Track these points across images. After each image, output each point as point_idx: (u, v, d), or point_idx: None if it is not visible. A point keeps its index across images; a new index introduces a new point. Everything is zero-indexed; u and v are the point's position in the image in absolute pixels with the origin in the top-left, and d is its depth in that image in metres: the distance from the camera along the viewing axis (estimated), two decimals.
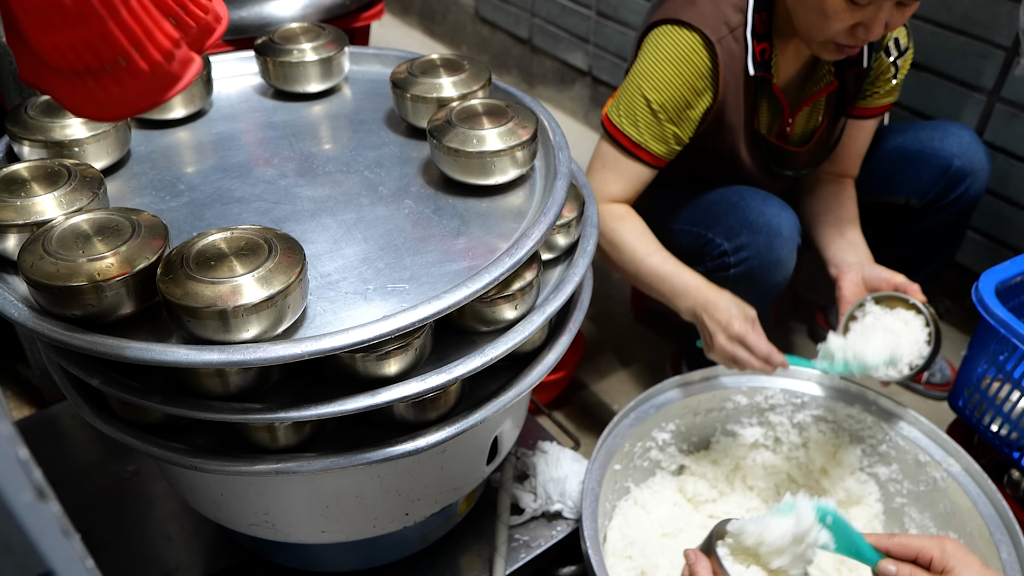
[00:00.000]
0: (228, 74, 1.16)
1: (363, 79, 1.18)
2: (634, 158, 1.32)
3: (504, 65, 2.98)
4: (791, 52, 1.33)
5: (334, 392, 0.77)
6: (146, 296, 0.74)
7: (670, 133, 1.30)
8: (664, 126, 1.29)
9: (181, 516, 1.20)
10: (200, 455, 0.81)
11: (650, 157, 1.32)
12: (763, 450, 1.38)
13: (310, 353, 0.71)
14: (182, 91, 0.56)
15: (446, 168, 0.93)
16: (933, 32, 1.70)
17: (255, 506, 0.94)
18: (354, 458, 0.81)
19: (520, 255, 0.81)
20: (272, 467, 0.81)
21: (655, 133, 1.30)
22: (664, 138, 1.31)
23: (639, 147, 1.31)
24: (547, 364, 0.91)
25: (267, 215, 0.90)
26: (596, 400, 1.73)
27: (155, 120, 1.05)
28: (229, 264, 0.72)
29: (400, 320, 0.73)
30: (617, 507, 1.28)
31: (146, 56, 0.50)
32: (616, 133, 1.33)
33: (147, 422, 0.84)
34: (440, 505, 1.00)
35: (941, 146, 1.49)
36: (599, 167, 1.36)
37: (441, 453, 0.94)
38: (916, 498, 1.28)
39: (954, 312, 1.89)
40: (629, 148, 1.32)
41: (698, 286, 1.26)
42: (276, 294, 0.70)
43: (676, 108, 1.29)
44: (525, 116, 0.94)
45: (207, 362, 0.70)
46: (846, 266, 1.37)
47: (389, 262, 0.84)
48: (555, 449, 1.26)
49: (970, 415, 1.35)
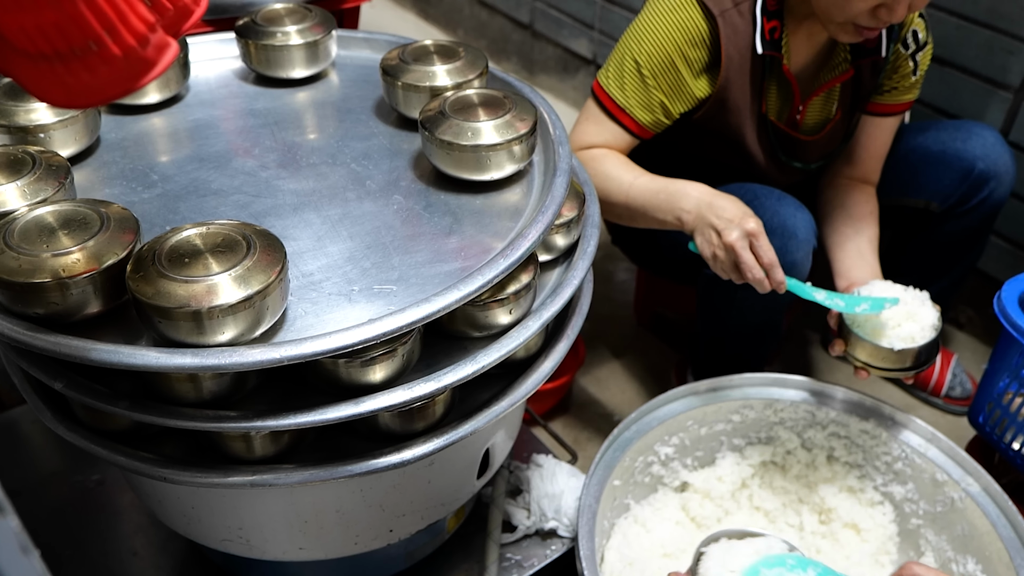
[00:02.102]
0: (207, 57, 1.16)
1: (351, 65, 1.18)
2: (616, 122, 1.34)
3: (503, 51, 2.98)
4: (804, 34, 1.34)
5: (315, 400, 0.77)
6: (114, 295, 0.74)
7: (657, 101, 1.31)
8: (651, 92, 1.31)
9: (149, 530, 1.20)
10: (170, 465, 0.81)
11: (633, 124, 1.34)
12: (772, 467, 1.38)
13: (290, 358, 0.70)
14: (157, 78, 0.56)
15: (438, 162, 0.93)
16: (958, 26, 1.70)
17: (228, 520, 0.94)
18: (335, 470, 0.81)
19: (516, 256, 0.81)
20: (247, 479, 0.80)
21: (641, 99, 1.32)
22: (650, 106, 1.32)
23: (623, 111, 1.33)
24: (543, 372, 0.91)
25: (246, 209, 0.90)
26: (595, 411, 1.73)
27: (127, 105, 1.05)
28: (204, 261, 0.72)
29: (387, 324, 0.73)
30: (616, 525, 1.28)
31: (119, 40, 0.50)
32: (602, 94, 1.35)
33: (114, 429, 0.84)
34: (427, 521, 1.00)
35: (964, 147, 1.49)
36: (583, 120, 1.38)
37: (428, 466, 0.94)
38: (932, 520, 1.28)
39: (976, 323, 1.89)
40: (612, 111, 1.34)
41: (701, 188, 1.26)
42: (254, 294, 0.70)
43: (666, 74, 1.30)
44: (524, 108, 0.94)
45: (179, 366, 0.69)
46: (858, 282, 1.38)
47: (376, 262, 0.84)
48: (551, 463, 1.26)
49: (991, 432, 1.36)
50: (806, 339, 1.90)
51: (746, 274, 1.20)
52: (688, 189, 1.26)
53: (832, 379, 1.73)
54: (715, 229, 1.21)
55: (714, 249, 1.22)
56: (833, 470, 1.36)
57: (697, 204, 1.24)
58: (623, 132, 1.35)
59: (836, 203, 1.51)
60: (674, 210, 1.26)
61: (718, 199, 1.23)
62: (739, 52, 1.30)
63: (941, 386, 1.71)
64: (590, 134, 1.37)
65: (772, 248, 1.20)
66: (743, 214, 1.21)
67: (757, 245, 1.19)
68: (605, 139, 1.36)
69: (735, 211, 1.21)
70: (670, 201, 1.27)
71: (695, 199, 1.25)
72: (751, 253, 1.20)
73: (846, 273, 1.41)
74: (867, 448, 1.34)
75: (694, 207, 1.24)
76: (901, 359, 1.24)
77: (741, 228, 1.19)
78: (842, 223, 1.47)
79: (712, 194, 1.24)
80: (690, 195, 1.25)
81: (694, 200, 1.25)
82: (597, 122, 1.36)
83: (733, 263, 1.21)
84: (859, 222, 1.46)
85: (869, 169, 1.52)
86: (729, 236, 1.19)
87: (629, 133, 1.35)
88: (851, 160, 1.52)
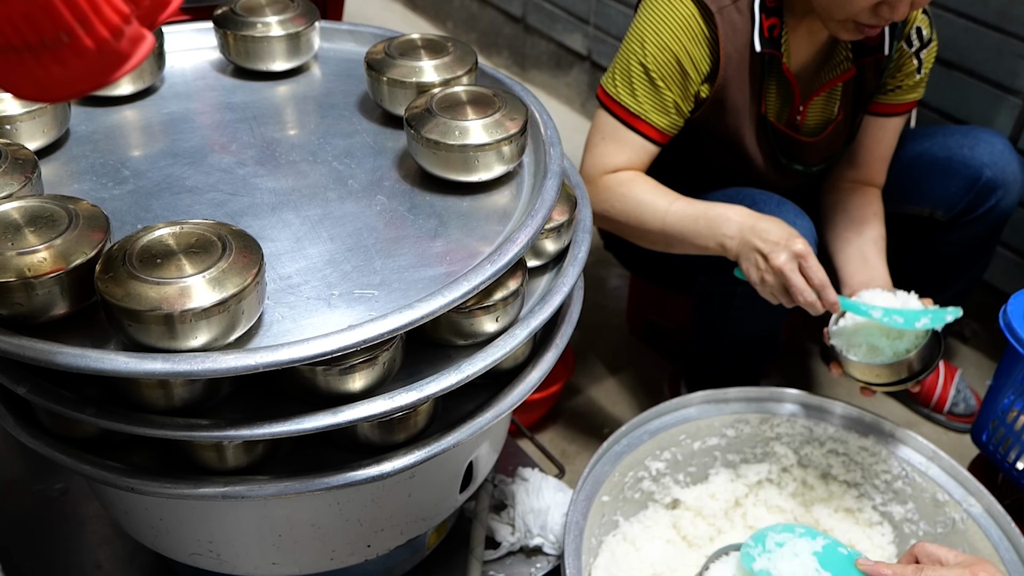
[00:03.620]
0: (183, 47, 1.16)
1: (335, 58, 1.18)
2: (635, 131, 1.34)
3: (494, 45, 2.98)
4: (804, 32, 1.35)
5: (291, 409, 0.77)
6: (82, 296, 0.74)
7: (670, 102, 1.32)
8: (663, 95, 1.31)
9: (114, 542, 1.19)
10: (138, 475, 0.81)
11: (652, 130, 1.33)
12: (767, 485, 1.39)
13: (265, 365, 0.71)
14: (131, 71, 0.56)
15: (424, 162, 0.93)
16: (966, 28, 1.72)
17: (198, 533, 0.94)
18: (311, 483, 0.81)
19: (504, 261, 0.81)
20: (219, 490, 0.80)
21: (655, 103, 1.32)
22: (664, 108, 1.32)
23: (639, 119, 1.33)
24: (530, 383, 0.91)
25: (222, 208, 0.90)
26: (584, 423, 1.73)
27: (98, 97, 1.05)
28: (177, 262, 0.72)
29: (367, 331, 0.73)
30: (604, 543, 1.29)
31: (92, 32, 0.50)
32: (613, 105, 1.35)
33: (79, 436, 0.83)
34: (406, 537, 1.00)
35: (971, 154, 1.51)
36: (598, 140, 1.36)
37: (409, 479, 0.94)
38: (933, 541, 1.29)
39: (981, 337, 1.91)
40: (628, 120, 1.34)
41: (742, 212, 1.26)
42: (229, 298, 0.70)
43: (674, 74, 1.30)
44: (514, 106, 0.95)
45: (149, 372, 0.69)
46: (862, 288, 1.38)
47: (357, 265, 0.84)
48: (537, 477, 1.27)
49: (994, 451, 1.37)
50: (805, 350, 1.91)
51: (797, 297, 1.20)
52: (729, 213, 1.27)
53: (832, 393, 1.74)
54: (761, 253, 1.22)
55: (762, 274, 1.22)
56: (830, 489, 1.37)
57: (740, 229, 1.24)
58: (643, 141, 1.34)
59: (839, 207, 1.51)
60: (716, 236, 1.27)
61: (761, 221, 1.23)
62: (738, 51, 1.31)
63: (944, 402, 1.73)
64: (609, 154, 1.35)
65: (822, 268, 1.21)
66: (789, 235, 1.21)
67: (806, 266, 1.20)
68: (627, 156, 1.35)
69: (780, 233, 1.21)
70: (711, 227, 1.27)
71: (738, 224, 1.25)
72: (800, 275, 1.20)
73: (849, 279, 1.42)
74: (866, 466, 1.35)
75: (737, 232, 1.25)
76: (896, 372, 1.25)
77: (789, 250, 1.20)
78: (844, 227, 1.48)
79: (754, 217, 1.25)
80: (732, 219, 1.26)
81: (736, 225, 1.25)
82: (614, 138, 1.35)
83: (783, 287, 1.21)
84: (862, 224, 1.47)
85: (874, 171, 1.53)
86: (777, 260, 1.20)
87: (649, 141, 1.34)
88: (854, 162, 1.53)
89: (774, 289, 1.23)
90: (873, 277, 1.39)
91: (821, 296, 1.21)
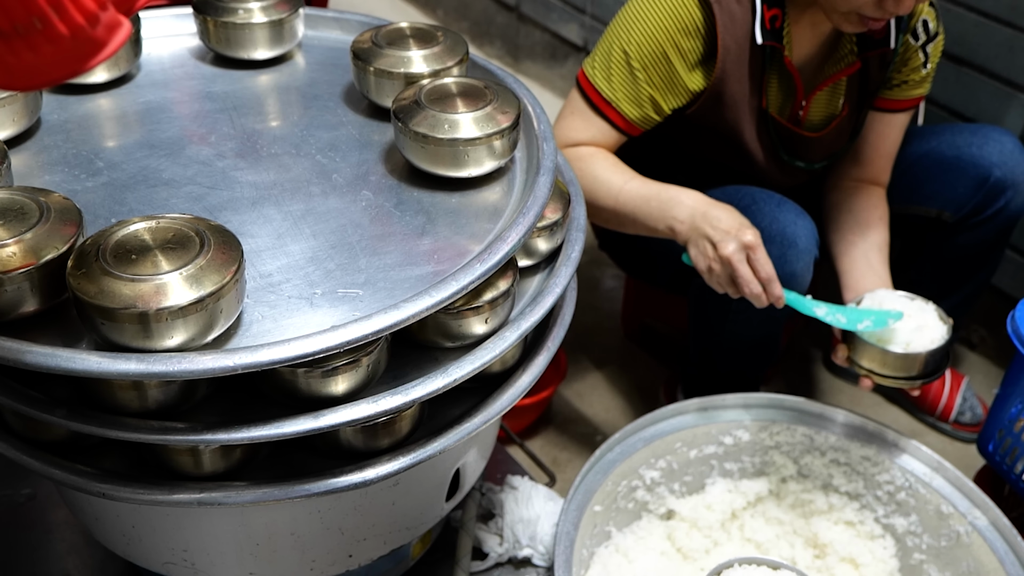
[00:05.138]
0: (160, 33, 1.16)
1: (319, 47, 1.18)
2: (602, 116, 1.36)
3: (486, 35, 2.99)
4: (807, 24, 1.36)
5: (270, 412, 0.77)
6: (53, 292, 0.74)
7: (646, 96, 1.33)
8: (640, 87, 1.32)
9: (83, 550, 1.19)
10: (110, 480, 0.81)
11: (620, 119, 1.35)
12: (765, 495, 1.39)
13: (244, 366, 0.71)
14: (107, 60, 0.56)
15: (412, 156, 0.94)
16: (977, 23, 1.73)
17: (172, 542, 0.94)
18: (291, 489, 0.81)
19: (494, 261, 0.81)
20: (194, 497, 0.80)
21: (629, 93, 1.33)
22: (639, 100, 1.33)
23: (609, 105, 1.35)
24: (520, 387, 0.91)
25: (200, 202, 0.90)
26: (576, 430, 1.74)
27: (71, 84, 1.05)
28: (153, 258, 0.72)
29: (351, 331, 0.73)
30: (596, 555, 1.29)
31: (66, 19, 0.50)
32: (587, 85, 1.37)
33: (48, 439, 0.83)
34: (390, 547, 1.01)
35: (980, 153, 1.52)
36: (568, 114, 1.40)
37: (393, 487, 0.94)
38: (936, 555, 1.30)
39: (989, 343, 1.92)
40: (598, 105, 1.35)
41: (695, 196, 1.28)
42: (207, 296, 0.70)
43: (657, 66, 1.31)
44: (506, 99, 0.95)
45: (123, 372, 0.69)
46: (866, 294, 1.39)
47: (341, 263, 0.84)
48: (527, 485, 1.27)
49: (1000, 461, 1.38)
50: (807, 356, 1.92)
51: (743, 288, 1.22)
52: (682, 197, 1.28)
53: (834, 400, 1.75)
54: (710, 240, 1.23)
55: (709, 262, 1.24)
56: (831, 500, 1.38)
57: (691, 214, 1.26)
58: (609, 128, 1.36)
59: (843, 207, 1.52)
60: (666, 219, 1.28)
61: (713, 208, 1.25)
62: (737, 42, 1.31)
63: (950, 411, 1.74)
64: (575, 129, 1.38)
65: (770, 261, 1.23)
66: (740, 225, 1.23)
67: (754, 258, 1.22)
68: (591, 135, 1.37)
69: (731, 222, 1.23)
70: (662, 209, 1.29)
71: (689, 208, 1.26)
72: (748, 266, 1.22)
73: (853, 285, 1.43)
74: (868, 476, 1.36)
75: (688, 217, 1.26)
76: (907, 366, 1.26)
77: (738, 240, 1.21)
78: (848, 229, 1.49)
79: (707, 203, 1.26)
80: (684, 203, 1.27)
81: (688, 209, 1.26)
82: (582, 116, 1.37)
83: (729, 276, 1.23)
84: (867, 227, 1.48)
85: (878, 169, 1.54)
86: (725, 248, 1.21)
87: (616, 129, 1.36)
88: (859, 160, 1.54)
89: (720, 279, 1.25)
90: (877, 284, 1.40)
91: (767, 289, 1.23)
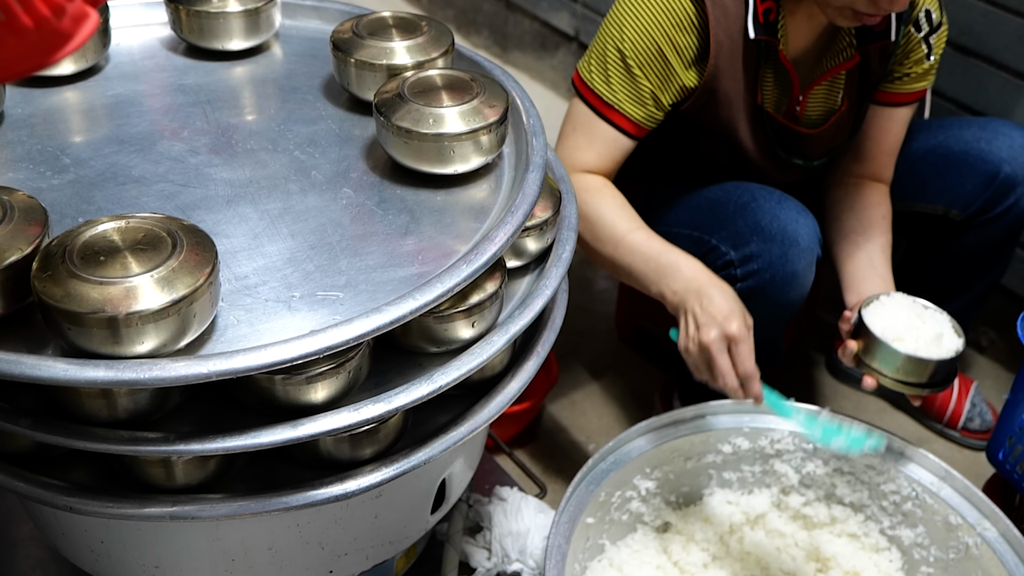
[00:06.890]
0: (130, 23, 1.16)
1: (297, 37, 1.18)
2: (608, 122, 1.36)
3: (473, 24, 2.99)
4: (803, 17, 1.36)
5: (247, 421, 0.77)
6: (17, 296, 0.74)
7: (647, 92, 1.33)
8: (639, 84, 1.33)
9: (49, 566, 1.19)
10: (77, 493, 0.81)
11: (626, 122, 1.35)
12: (766, 506, 1.40)
13: (219, 373, 0.71)
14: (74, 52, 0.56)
15: (395, 152, 0.94)
16: (986, 12, 1.74)
17: (144, 557, 0.94)
18: (268, 502, 0.81)
19: (481, 262, 0.82)
20: (166, 510, 0.80)
21: (630, 93, 1.34)
22: (640, 99, 1.34)
23: (612, 109, 1.35)
24: (509, 394, 0.92)
25: (172, 200, 0.90)
26: (568, 438, 1.74)
27: (36, 77, 1.04)
28: (123, 260, 0.72)
29: (331, 336, 0.73)
30: (589, 568, 1.30)
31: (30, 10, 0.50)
32: (586, 92, 1.37)
33: (12, 450, 0.83)
34: (372, 562, 1.01)
35: (988, 148, 1.53)
36: (569, 131, 1.40)
37: (376, 499, 0.94)
38: (944, 568, 1.31)
39: (998, 346, 1.93)
40: (601, 110, 1.36)
41: (695, 268, 1.28)
42: (180, 299, 0.70)
43: (653, 63, 1.32)
44: (494, 92, 0.96)
45: (91, 380, 0.69)
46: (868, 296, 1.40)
47: (320, 264, 0.84)
48: (516, 496, 1.27)
49: (1011, 470, 1.39)
50: (809, 360, 1.93)
51: (717, 380, 1.23)
52: (681, 265, 1.29)
53: (837, 406, 1.76)
54: (696, 321, 1.24)
55: (688, 342, 1.26)
56: (834, 511, 1.38)
57: (686, 286, 1.27)
58: (617, 134, 1.36)
59: (844, 205, 1.53)
60: (661, 284, 1.29)
61: (709, 287, 1.25)
62: (730, 37, 1.32)
63: (958, 417, 1.74)
64: (580, 148, 1.37)
65: (753, 357, 1.23)
66: (729, 312, 1.23)
67: (736, 351, 1.22)
68: (597, 152, 1.37)
69: (722, 307, 1.23)
70: (659, 273, 1.30)
71: (686, 280, 1.27)
72: (727, 358, 1.22)
73: (856, 287, 1.43)
74: (873, 486, 1.37)
75: (682, 288, 1.27)
76: (918, 372, 1.27)
77: (721, 328, 1.22)
78: (851, 228, 1.50)
79: (705, 279, 1.27)
80: (682, 274, 1.28)
81: (684, 281, 1.27)
82: (586, 129, 1.37)
83: (706, 363, 1.24)
84: (870, 227, 1.49)
85: (881, 165, 1.55)
86: (707, 335, 1.22)
87: (624, 134, 1.36)
88: (860, 156, 1.55)
89: (697, 362, 1.26)
90: (879, 287, 1.41)
91: (744, 386, 1.23)
